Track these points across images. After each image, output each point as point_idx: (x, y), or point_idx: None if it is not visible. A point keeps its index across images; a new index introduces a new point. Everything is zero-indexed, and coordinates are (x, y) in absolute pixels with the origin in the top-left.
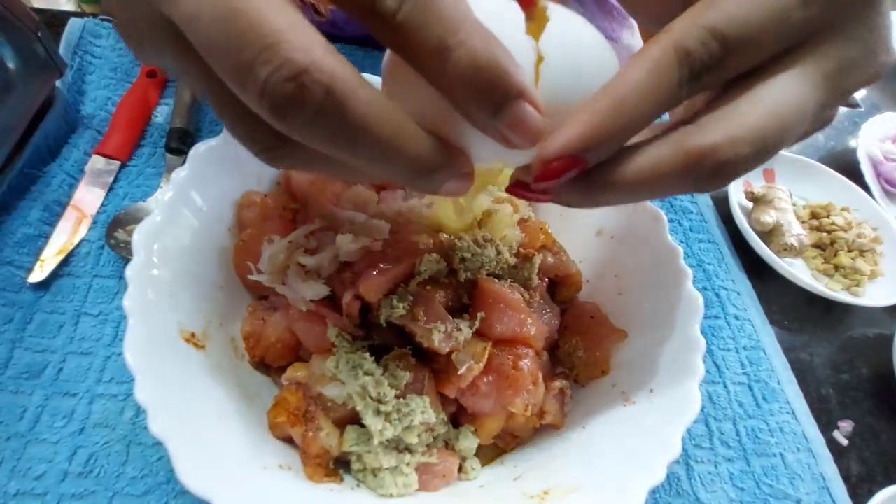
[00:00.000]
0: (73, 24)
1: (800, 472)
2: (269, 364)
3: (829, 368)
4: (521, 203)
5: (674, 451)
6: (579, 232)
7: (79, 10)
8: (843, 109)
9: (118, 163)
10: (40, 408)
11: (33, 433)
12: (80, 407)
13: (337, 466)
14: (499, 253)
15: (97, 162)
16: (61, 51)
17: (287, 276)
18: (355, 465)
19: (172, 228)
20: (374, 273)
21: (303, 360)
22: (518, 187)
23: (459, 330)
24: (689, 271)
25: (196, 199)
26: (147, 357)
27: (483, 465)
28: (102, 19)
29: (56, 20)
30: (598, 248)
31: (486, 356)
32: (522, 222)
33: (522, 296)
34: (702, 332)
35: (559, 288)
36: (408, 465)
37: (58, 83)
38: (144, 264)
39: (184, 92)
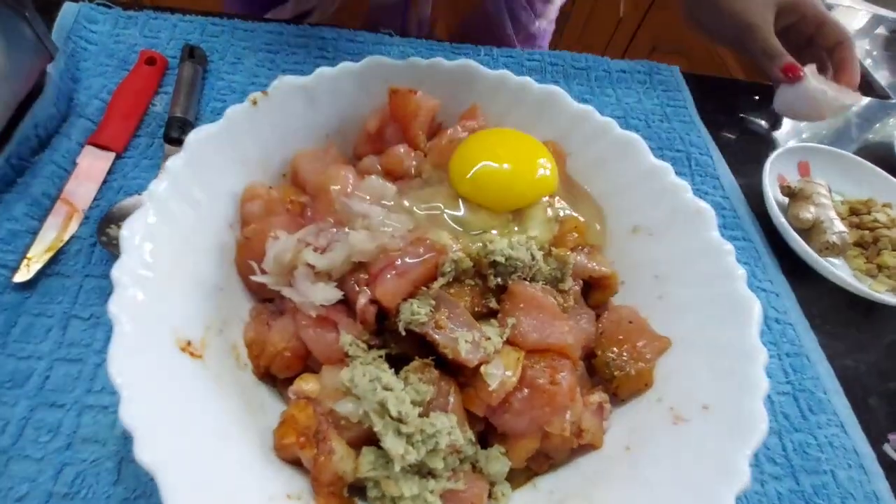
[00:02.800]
0: (67, 9)
1: (852, 491)
2: (274, 375)
3: (875, 376)
4: (555, 199)
5: (742, 480)
6: (612, 229)
7: None
8: (874, 101)
9: (113, 154)
10: (24, 420)
11: (15, 448)
12: (67, 420)
13: (352, 494)
14: (533, 258)
15: (90, 153)
16: (54, 36)
17: (294, 277)
18: (372, 493)
19: (166, 223)
20: (392, 274)
21: (312, 372)
22: None
23: (488, 338)
24: (743, 271)
25: (193, 190)
26: (135, 369)
27: (514, 488)
28: (99, 4)
29: (49, 6)
30: (634, 247)
31: (520, 368)
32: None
33: (556, 299)
34: None
35: (593, 290)
36: (432, 492)
37: (49, 68)
38: (134, 263)
39: (184, 79)
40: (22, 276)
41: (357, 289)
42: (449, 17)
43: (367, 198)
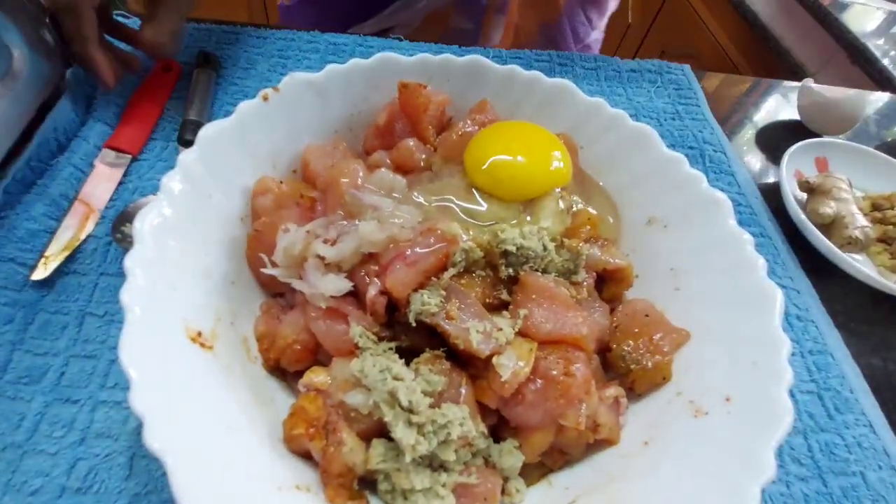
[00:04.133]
0: None
1: (884, 493)
2: (284, 368)
3: None
4: (568, 192)
5: (767, 473)
6: (626, 222)
7: None
8: (893, 97)
9: (129, 156)
10: (39, 415)
11: (30, 443)
12: (81, 415)
13: (362, 487)
14: (545, 248)
15: (107, 156)
16: None
17: (304, 269)
18: (383, 486)
19: (179, 216)
20: (402, 265)
21: (322, 364)
22: None
23: (500, 329)
24: (763, 261)
25: (205, 184)
26: (146, 358)
27: (528, 485)
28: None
29: None
30: (649, 239)
31: (533, 359)
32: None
33: (568, 291)
34: None
35: (607, 284)
36: (444, 485)
37: (68, 74)
38: (147, 254)
39: (199, 84)
40: (39, 273)
41: (367, 280)
42: (511, 41)
43: (378, 191)
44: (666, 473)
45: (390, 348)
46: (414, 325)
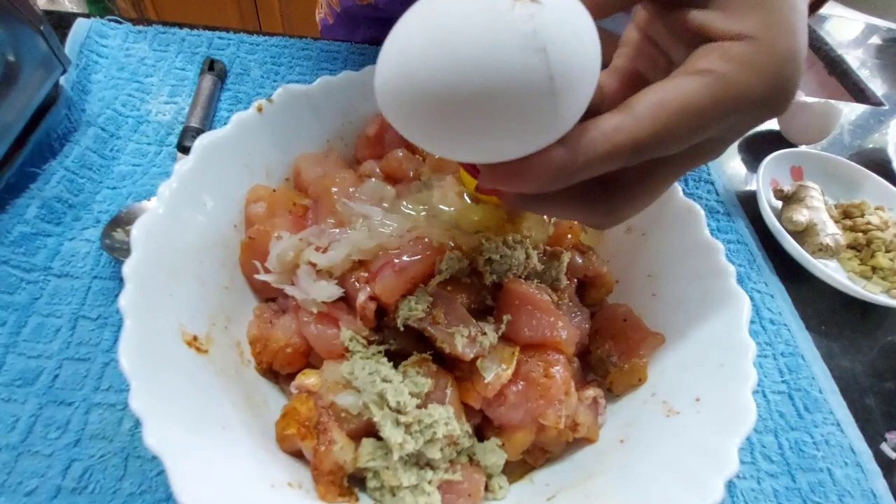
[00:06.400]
0: (80, 24)
1: (849, 489)
2: (277, 371)
3: (871, 376)
4: None
5: (730, 467)
6: (607, 230)
7: (86, 12)
8: (867, 108)
9: None
10: (33, 417)
11: (25, 445)
12: (75, 417)
13: (351, 484)
14: (528, 256)
15: None
16: (67, 50)
17: (297, 275)
18: (372, 483)
19: (174, 224)
20: (391, 272)
21: (313, 367)
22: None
23: (484, 334)
24: (732, 268)
25: (201, 193)
26: (144, 361)
27: (511, 482)
28: (109, 19)
29: (63, 22)
30: (628, 247)
31: (515, 362)
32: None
33: (550, 297)
34: None
35: (588, 290)
36: (430, 482)
37: (62, 81)
38: (144, 261)
39: (203, 90)
40: None
41: (357, 286)
42: None
43: (368, 199)
44: (639, 469)
45: (379, 351)
46: (402, 329)
